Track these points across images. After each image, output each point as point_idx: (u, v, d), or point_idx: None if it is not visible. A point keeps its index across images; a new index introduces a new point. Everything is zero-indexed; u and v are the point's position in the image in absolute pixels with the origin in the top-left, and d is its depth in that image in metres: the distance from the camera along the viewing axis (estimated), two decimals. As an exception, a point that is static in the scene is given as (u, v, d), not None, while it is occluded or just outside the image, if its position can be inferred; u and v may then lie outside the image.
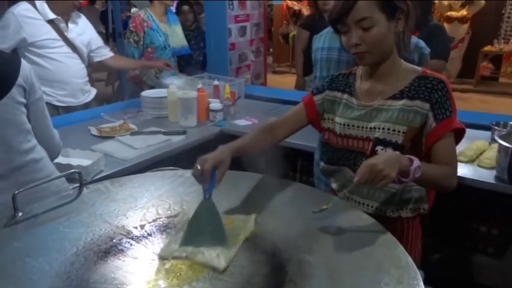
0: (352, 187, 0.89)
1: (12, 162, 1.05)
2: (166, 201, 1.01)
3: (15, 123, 1.06)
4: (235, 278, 0.75)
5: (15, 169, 1.05)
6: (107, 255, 0.82)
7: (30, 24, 1.90)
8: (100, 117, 2.16)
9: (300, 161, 1.91)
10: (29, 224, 0.91)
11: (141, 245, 0.86)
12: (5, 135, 1.03)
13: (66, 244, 0.84)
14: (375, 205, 1.04)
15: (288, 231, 0.88)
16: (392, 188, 1.01)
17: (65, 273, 0.76)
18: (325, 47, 1.58)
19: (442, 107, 0.96)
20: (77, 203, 1.00)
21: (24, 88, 1.09)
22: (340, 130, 1.07)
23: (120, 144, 1.81)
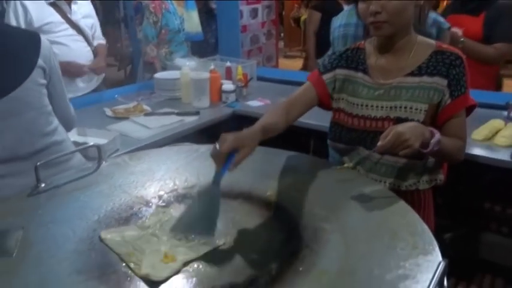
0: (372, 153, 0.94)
1: (34, 145, 1.05)
2: (183, 174, 1.03)
3: (37, 106, 1.06)
4: (252, 244, 0.77)
5: (38, 151, 1.05)
6: (127, 222, 0.85)
7: (34, 7, 1.87)
8: (114, 99, 2.18)
9: (312, 141, 1.91)
10: (51, 194, 0.94)
11: (161, 208, 0.88)
12: (27, 118, 1.03)
13: (88, 212, 0.87)
14: (392, 181, 1.03)
15: (304, 201, 0.90)
16: (412, 164, 1.00)
17: (88, 239, 0.78)
18: (342, 23, 1.58)
19: (458, 84, 0.96)
20: (96, 176, 1.03)
21: (44, 69, 1.09)
22: (357, 111, 1.04)
23: (134, 125, 1.84)
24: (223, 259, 0.73)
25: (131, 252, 0.72)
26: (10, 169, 0.96)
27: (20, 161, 0.96)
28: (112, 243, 0.75)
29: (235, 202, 0.91)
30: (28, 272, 0.69)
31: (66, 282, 0.67)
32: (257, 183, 0.97)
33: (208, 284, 0.67)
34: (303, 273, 0.68)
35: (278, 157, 1.10)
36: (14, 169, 0.93)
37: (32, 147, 1.04)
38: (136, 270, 0.68)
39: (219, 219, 0.83)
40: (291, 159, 1.09)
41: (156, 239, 0.77)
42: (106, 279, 0.68)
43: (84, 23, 2.07)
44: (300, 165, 1.07)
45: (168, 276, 0.67)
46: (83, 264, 0.71)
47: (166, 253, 0.71)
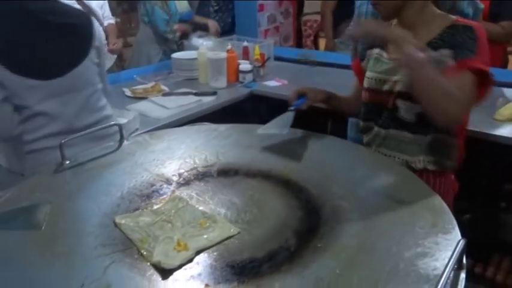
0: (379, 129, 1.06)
1: (88, 119, 1.12)
2: (202, 153, 1.04)
3: (92, 83, 1.13)
4: (271, 221, 0.78)
5: (91, 125, 1.12)
6: (149, 199, 0.87)
7: None
8: (133, 79, 2.21)
9: (329, 123, 1.91)
10: (76, 171, 0.97)
11: (180, 190, 0.90)
12: (85, 94, 1.10)
13: (112, 189, 0.89)
14: (401, 157, 1.05)
15: (322, 180, 0.90)
16: (418, 140, 1.02)
17: (112, 213, 0.81)
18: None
19: (464, 48, 0.91)
20: (118, 154, 1.05)
21: (98, 48, 1.14)
22: (368, 84, 1.08)
23: (153, 105, 1.87)
24: (242, 235, 0.74)
25: (144, 238, 0.73)
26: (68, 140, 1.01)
27: (74, 134, 1.04)
28: (126, 229, 0.76)
29: (254, 180, 0.92)
30: (57, 243, 0.72)
31: (93, 254, 0.69)
32: (275, 162, 0.98)
33: (229, 258, 0.68)
34: (321, 249, 0.69)
35: (296, 137, 1.10)
36: (71, 140, 1.01)
37: (86, 120, 1.12)
38: (148, 257, 0.68)
39: (239, 197, 0.86)
40: (309, 138, 1.10)
41: (170, 226, 0.77)
42: (130, 252, 0.70)
43: (96, 4, 2.07)
44: (318, 144, 1.07)
45: (179, 264, 0.66)
46: (108, 238, 0.74)
47: (179, 241, 0.71)
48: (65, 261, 0.68)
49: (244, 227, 0.76)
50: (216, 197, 0.86)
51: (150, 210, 0.82)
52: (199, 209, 0.82)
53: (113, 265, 0.67)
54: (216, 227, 0.76)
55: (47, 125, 1.07)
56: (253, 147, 1.05)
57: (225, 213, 0.81)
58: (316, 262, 0.66)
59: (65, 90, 1.05)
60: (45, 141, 1.08)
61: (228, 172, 0.96)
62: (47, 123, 1.08)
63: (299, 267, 0.65)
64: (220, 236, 0.74)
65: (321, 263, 0.66)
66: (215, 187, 0.90)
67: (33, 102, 1.05)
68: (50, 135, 1.08)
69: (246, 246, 0.71)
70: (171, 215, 0.80)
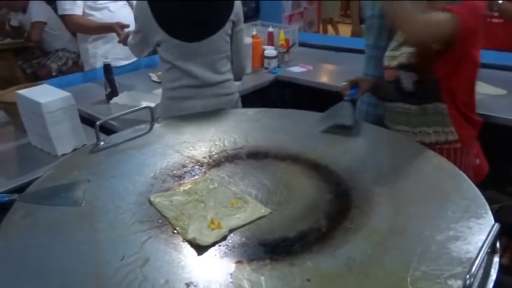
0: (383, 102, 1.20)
1: (215, 78, 1.33)
2: (232, 135, 1.06)
3: (221, 51, 1.32)
4: (301, 203, 0.80)
5: (216, 84, 1.34)
6: (182, 179, 0.90)
7: None
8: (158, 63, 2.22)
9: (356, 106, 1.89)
10: (110, 152, 1.00)
11: (211, 172, 0.92)
12: (213, 59, 1.31)
13: (145, 169, 0.92)
14: (407, 129, 1.14)
15: (351, 164, 0.91)
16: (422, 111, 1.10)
17: (147, 192, 0.84)
18: None
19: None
20: (150, 135, 1.08)
21: (233, 22, 1.31)
22: (384, 63, 1.17)
23: (179, 90, 1.88)
24: (273, 215, 0.76)
25: (178, 216, 0.76)
26: (197, 93, 1.29)
27: (204, 88, 1.29)
28: (161, 207, 0.78)
29: (284, 164, 0.94)
30: (97, 219, 0.76)
31: (131, 229, 0.73)
32: (304, 146, 0.99)
33: (261, 236, 0.70)
34: (352, 231, 0.70)
35: (324, 120, 1.10)
36: (199, 94, 1.28)
37: (213, 79, 1.33)
38: (183, 234, 0.71)
39: (269, 179, 0.87)
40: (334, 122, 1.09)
41: (203, 205, 0.79)
42: (165, 229, 0.73)
43: None
44: (345, 128, 1.07)
45: (213, 241, 0.69)
46: (144, 215, 0.77)
47: (213, 219, 0.74)
48: (105, 236, 0.71)
49: (274, 207, 0.78)
50: (246, 179, 0.88)
51: (183, 190, 0.85)
52: (230, 190, 0.84)
53: (149, 240, 0.70)
54: (247, 207, 0.78)
55: (183, 78, 1.29)
56: (282, 131, 1.06)
57: (256, 195, 0.83)
58: (347, 243, 0.67)
59: (200, 52, 1.27)
60: (180, 91, 1.30)
61: (257, 155, 0.98)
62: (183, 76, 1.29)
63: (330, 248, 0.66)
64: (252, 215, 0.76)
65: (352, 244, 0.67)
66: (245, 169, 0.92)
67: (174, 58, 1.28)
68: (185, 86, 1.29)
69: (277, 226, 0.73)
70: (204, 195, 0.83)
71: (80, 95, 1.48)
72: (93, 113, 1.59)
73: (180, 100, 1.30)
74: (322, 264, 0.63)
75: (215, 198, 0.81)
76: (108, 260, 0.65)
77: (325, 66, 2.16)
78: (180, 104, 1.29)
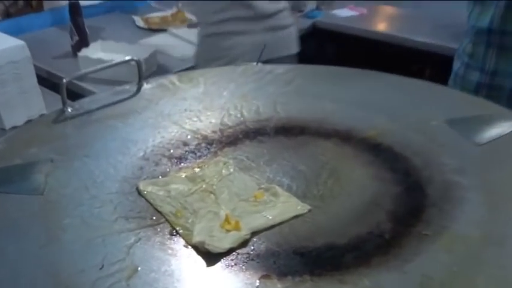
0: None
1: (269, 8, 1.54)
2: (253, 102, 1.06)
3: None
4: (354, 199, 0.80)
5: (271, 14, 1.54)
6: (183, 161, 0.90)
7: None
8: (147, 5, 2.25)
9: (428, 69, 1.88)
10: (82, 121, 1.01)
11: (225, 152, 0.92)
12: None
13: (130, 146, 0.93)
14: None
15: (427, 146, 0.90)
16: None
17: (134, 178, 0.85)
18: None
19: None
20: (137, 100, 1.09)
21: None
22: None
23: (174, 39, 1.91)
24: (315, 214, 0.76)
25: (179, 212, 0.76)
26: (247, 27, 1.47)
27: (256, 21, 1.48)
28: (154, 198, 0.79)
29: (329, 143, 0.94)
30: (64, 214, 0.77)
31: (113, 228, 0.73)
32: (358, 118, 0.99)
33: (297, 243, 0.70)
34: (428, 238, 0.69)
35: (385, 83, 1.11)
36: (251, 27, 1.46)
37: (269, 9, 1.50)
38: (186, 236, 0.71)
39: (307, 164, 0.88)
40: (403, 86, 1.10)
41: (213, 197, 0.80)
42: (161, 229, 0.74)
43: None
44: (419, 96, 1.07)
45: (230, 247, 0.68)
46: (130, 209, 0.78)
47: (228, 217, 0.73)
48: (77, 236, 0.72)
49: (316, 203, 0.78)
50: (274, 163, 0.88)
51: (184, 176, 0.86)
52: (253, 178, 0.84)
53: (139, 244, 0.71)
54: (277, 202, 0.78)
55: (231, 8, 1.45)
56: (326, 97, 1.06)
57: (289, 185, 0.83)
58: (421, 255, 0.67)
59: None
60: (227, 24, 1.45)
61: (290, 130, 0.98)
62: (231, 5, 1.45)
63: (397, 260, 0.66)
64: (283, 214, 0.75)
65: (428, 256, 0.67)
66: (273, 149, 0.92)
67: None
68: (234, 19, 1.46)
69: (321, 230, 0.73)
70: (214, 183, 0.83)
71: (37, 45, 1.50)
72: (55, 71, 1.62)
73: (226, 36, 1.44)
74: (386, 283, 0.63)
75: (230, 189, 0.82)
76: (81, 270, 0.66)
77: (385, 9, 2.14)
78: (225, 41, 1.44)
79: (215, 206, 0.77)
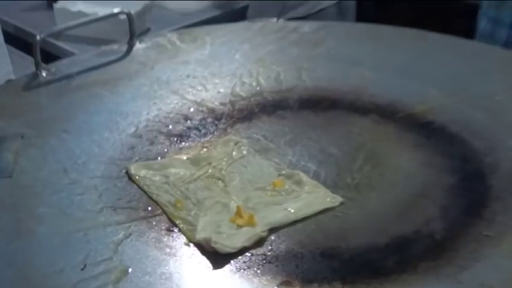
0: None
1: None
2: (272, 68, 1.06)
3: None
4: (396, 188, 0.80)
5: None
6: (183, 140, 0.91)
7: None
8: None
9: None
10: (60, 89, 1.02)
11: (236, 130, 0.93)
12: None
13: (119, 120, 0.94)
14: None
15: (490, 125, 0.90)
16: None
17: (124, 160, 0.85)
18: None
19: None
20: (128, 63, 1.09)
21: None
22: None
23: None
24: (348, 208, 0.76)
25: (179, 202, 0.76)
26: None
27: None
28: (148, 185, 0.79)
29: (366, 120, 0.94)
30: (38, 201, 0.77)
31: (98, 221, 0.74)
32: (404, 90, 0.99)
33: (325, 243, 0.70)
34: (490, 240, 0.69)
35: (439, 46, 1.11)
36: None
37: None
38: (187, 232, 0.71)
39: (339, 145, 0.88)
40: (462, 50, 1.10)
41: (222, 185, 0.80)
42: (157, 222, 0.74)
43: None
44: (480, 61, 1.06)
45: (242, 246, 0.68)
46: (119, 197, 0.78)
47: (240, 210, 0.73)
48: (53, 230, 0.73)
49: (349, 195, 0.78)
50: (298, 144, 0.88)
51: (186, 158, 0.86)
52: (271, 162, 0.84)
53: (129, 240, 0.71)
54: (301, 192, 0.78)
55: None
56: (364, 63, 1.05)
57: (316, 171, 0.82)
58: (481, 261, 0.66)
59: None
60: None
61: (318, 103, 0.98)
62: None
63: (451, 267, 0.66)
64: (309, 207, 0.75)
65: (489, 262, 0.66)
66: (296, 127, 0.92)
67: None
68: None
69: (355, 227, 0.73)
70: (223, 168, 0.83)
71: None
72: (25, 26, 1.62)
73: None
74: (436, 294, 0.63)
75: (243, 175, 0.82)
76: (59, 270, 0.66)
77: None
78: None
79: (224, 195, 0.78)
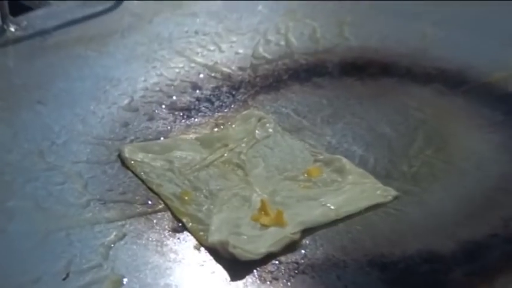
0: None
1: None
2: (306, 22, 1.08)
3: None
4: (466, 179, 0.80)
5: None
6: (193, 114, 0.92)
7: None
8: None
9: None
10: (33, 48, 1.03)
11: (258, 102, 0.94)
12: None
13: (109, 89, 0.95)
14: None
15: None
16: None
17: (117, 140, 0.86)
18: None
19: None
20: (119, 16, 1.10)
21: None
22: None
23: None
24: (403, 204, 0.76)
25: (186, 193, 0.77)
26: None
27: None
28: (146, 172, 0.80)
29: (427, 91, 0.95)
30: (9, 193, 0.78)
31: (85, 217, 0.74)
32: (477, 52, 0.99)
33: (375, 248, 0.70)
34: None
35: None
36: None
37: None
38: (197, 233, 0.72)
39: (392, 123, 0.89)
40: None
41: (242, 173, 0.81)
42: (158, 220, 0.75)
43: None
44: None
45: (267, 251, 0.69)
46: (111, 187, 0.79)
47: (265, 205, 0.74)
48: (27, 229, 0.73)
49: (406, 187, 0.79)
50: (340, 121, 0.89)
51: (195, 138, 0.87)
52: (304, 144, 0.85)
53: (123, 243, 0.71)
54: (344, 183, 0.79)
55: None
56: (426, 17, 1.06)
57: (363, 157, 0.83)
58: None
59: None
60: None
61: (365, 68, 0.99)
62: None
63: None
64: (354, 202, 0.76)
65: None
66: (337, 99, 0.93)
67: None
68: None
69: (413, 229, 0.73)
70: (242, 151, 0.84)
71: None
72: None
73: None
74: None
75: (269, 160, 0.83)
76: (36, 279, 0.67)
77: None
78: None
79: (244, 186, 0.78)
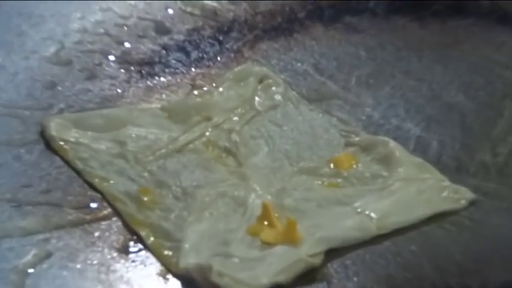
0: None
1: None
2: None
3: None
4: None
5: None
6: (158, 70, 0.94)
7: None
8: None
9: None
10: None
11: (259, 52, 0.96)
12: None
13: (26, 29, 0.97)
14: None
15: None
16: None
17: (39, 109, 0.88)
18: None
19: None
20: None
21: None
22: None
23: None
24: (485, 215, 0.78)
25: (146, 191, 0.79)
26: None
27: None
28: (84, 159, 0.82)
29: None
30: None
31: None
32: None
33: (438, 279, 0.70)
34: None
35: None
36: None
37: None
38: (162, 252, 0.73)
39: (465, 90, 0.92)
40: None
41: (232, 162, 0.83)
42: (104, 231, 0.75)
43: None
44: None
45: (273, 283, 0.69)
46: (30, 182, 0.80)
47: (269, 210, 0.75)
48: None
49: (488, 186, 0.81)
50: (386, 84, 0.92)
51: (160, 107, 0.88)
52: (331, 119, 0.87)
53: (46, 266, 0.71)
54: (391, 178, 0.80)
55: None
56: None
57: (422, 139, 0.86)
58: None
59: None
60: None
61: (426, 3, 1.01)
62: None
63: None
64: (408, 209, 0.77)
65: None
66: (382, 49, 0.96)
67: None
68: None
69: (498, 249, 0.74)
70: (234, 128, 0.85)
71: None
72: None
73: None
74: None
75: (275, 143, 0.84)
76: None
77: None
78: None
79: (237, 182, 0.79)
